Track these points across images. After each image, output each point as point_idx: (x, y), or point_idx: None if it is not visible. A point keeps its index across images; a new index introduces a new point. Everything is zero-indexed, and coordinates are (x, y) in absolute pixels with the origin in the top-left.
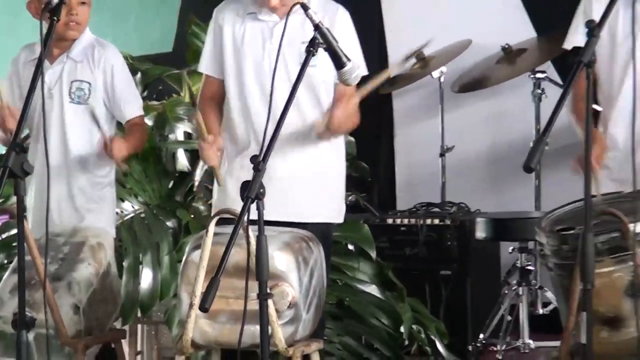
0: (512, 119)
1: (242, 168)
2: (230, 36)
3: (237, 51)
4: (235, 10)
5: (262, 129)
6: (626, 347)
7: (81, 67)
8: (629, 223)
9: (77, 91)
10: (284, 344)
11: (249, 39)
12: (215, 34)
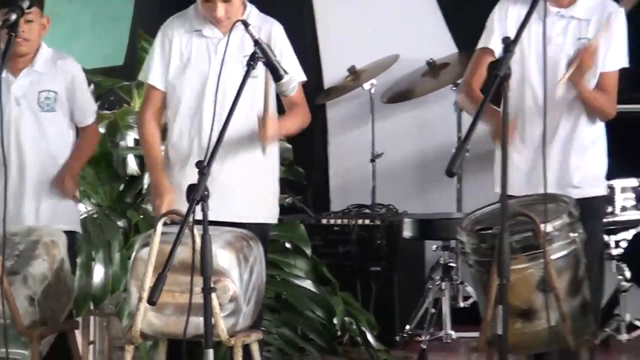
0: (436, 127)
1: (185, 176)
2: (177, 51)
3: (184, 65)
4: (182, 27)
5: (205, 137)
6: (538, 337)
7: (46, 78)
8: (541, 223)
9: (46, 100)
10: (226, 334)
11: (196, 54)
12: (163, 48)
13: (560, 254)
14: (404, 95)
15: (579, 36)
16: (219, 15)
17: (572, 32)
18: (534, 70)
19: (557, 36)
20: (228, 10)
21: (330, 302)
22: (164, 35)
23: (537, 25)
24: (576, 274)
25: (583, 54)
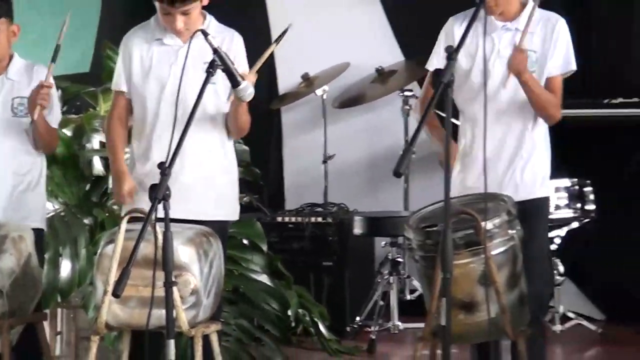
0: (385, 131)
1: (147, 175)
2: (138, 59)
3: (145, 72)
4: (144, 37)
5: (166, 139)
6: (479, 328)
7: (18, 85)
8: (482, 221)
9: (19, 106)
10: (187, 325)
11: (156, 61)
12: (125, 57)
13: (499, 249)
14: (354, 100)
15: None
16: (178, 28)
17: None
18: (477, 80)
19: (504, 48)
20: (187, 22)
21: (285, 295)
22: (125, 46)
23: (482, 39)
24: (514, 269)
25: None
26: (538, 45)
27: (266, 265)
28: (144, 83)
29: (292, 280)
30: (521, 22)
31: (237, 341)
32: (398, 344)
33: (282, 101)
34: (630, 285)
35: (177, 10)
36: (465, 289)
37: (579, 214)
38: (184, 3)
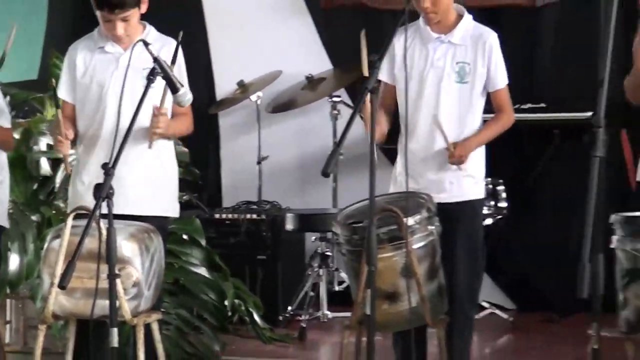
0: (315, 133)
1: (89, 174)
2: (82, 67)
3: (89, 79)
4: (87, 46)
5: (110, 142)
6: (401, 316)
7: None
8: (404, 218)
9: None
10: (129, 315)
11: (99, 68)
12: (69, 66)
13: (420, 244)
14: (286, 105)
15: (457, 60)
16: (119, 34)
17: (451, 55)
18: (413, 88)
19: (438, 59)
20: (126, 28)
21: (222, 286)
22: (69, 55)
23: (420, 49)
24: (433, 262)
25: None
26: (471, 58)
27: (204, 259)
28: (87, 89)
29: (229, 272)
30: (455, 35)
31: (177, 330)
32: (327, 332)
33: (219, 106)
34: (537, 277)
35: (117, 17)
36: (388, 280)
37: (492, 211)
38: (122, 10)
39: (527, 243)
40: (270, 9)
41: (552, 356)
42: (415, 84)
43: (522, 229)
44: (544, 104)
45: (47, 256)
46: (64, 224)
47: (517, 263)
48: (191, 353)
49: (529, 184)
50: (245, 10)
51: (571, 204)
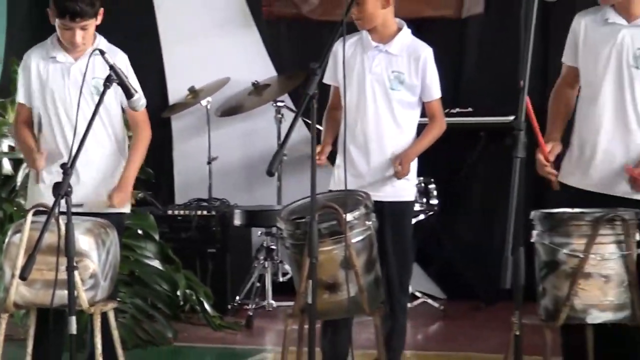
0: (260, 136)
1: (50, 173)
2: (36, 75)
3: (43, 86)
4: (41, 54)
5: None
6: (340, 305)
7: None
8: (343, 214)
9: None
10: (87, 304)
11: (52, 76)
12: (25, 73)
13: (358, 238)
14: (234, 110)
15: (393, 69)
16: (77, 41)
17: (386, 64)
18: (353, 92)
19: (375, 66)
20: (84, 36)
21: (174, 278)
22: (25, 62)
23: (360, 57)
24: (371, 255)
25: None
26: (405, 68)
27: (158, 252)
28: (41, 95)
29: (181, 265)
30: (393, 46)
31: (132, 318)
32: (272, 320)
33: (171, 110)
34: (465, 269)
35: (77, 25)
36: (329, 272)
37: (424, 208)
38: (83, 19)
39: (456, 237)
40: (220, 20)
41: (479, 341)
42: (355, 89)
43: (452, 224)
44: (471, 108)
45: (9, 250)
46: (25, 219)
47: (447, 256)
48: (145, 339)
49: (457, 182)
50: (196, 22)
51: (495, 201)
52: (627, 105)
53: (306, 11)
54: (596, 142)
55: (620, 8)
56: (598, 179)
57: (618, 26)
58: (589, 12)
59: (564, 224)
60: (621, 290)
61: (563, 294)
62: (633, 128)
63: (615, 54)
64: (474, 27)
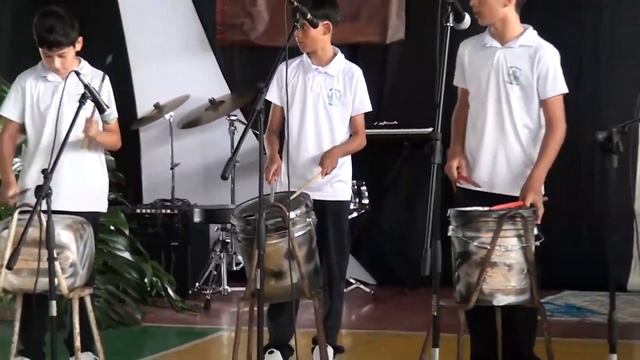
0: (216, 145)
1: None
2: (29, 93)
3: (35, 102)
4: (33, 75)
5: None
6: (285, 291)
7: None
8: (287, 212)
9: None
10: (66, 290)
11: (42, 93)
12: (17, 91)
13: (300, 232)
14: (193, 123)
15: (330, 87)
16: (56, 67)
17: (326, 84)
18: (297, 107)
19: (315, 86)
20: (63, 62)
21: (142, 267)
22: (18, 82)
23: (302, 77)
24: (310, 247)
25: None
26: (341, 87)
27: (128, 245)
28: (32, 110)
29: (148, 256)
30: (330, 68)
31: (106, 302)
32: (227, 303)
33: (139, 123)
34: (392, 259)
35: (54, 54)
36: (275, 262)
37: (358, 207)
38: (59, 48)
39: (384, 232)
40: (181, 45)
41: (404, 321)
42: (298, 105)
43: (381, 220)
44: (396, 121)
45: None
46: (11, 217)
47: (377, 248)
48: (117, 320)
49: (385, 185)
50: (161, 46)
51: (418, 200)
52: (504, 115)
53: (254, 38)
54: (481, 149)
55: (495, 33)
56: (484, 180)
57: (494, 49)
58: (470, 39)
59: (475, 220)
60: (521, 277)
61: (474, 280)
62: (510, 134)
63: (493, 73)
64: (396, 51)
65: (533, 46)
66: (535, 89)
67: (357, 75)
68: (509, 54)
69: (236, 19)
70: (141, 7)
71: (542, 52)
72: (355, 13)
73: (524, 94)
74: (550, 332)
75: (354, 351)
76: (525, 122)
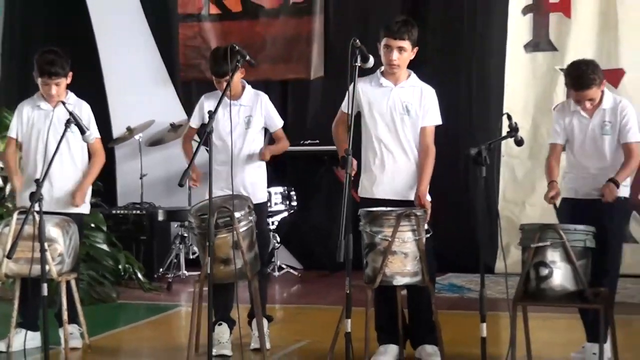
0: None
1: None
2: (26, 118)
3: (30, 126)
4: (31, 104)
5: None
6: (231, 274)
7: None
8: (234, 212)
9: None
10: (56, 274)
11: (36, 119)
12: (18, 117)
13: (244, 228)
14: (158, 142)
15: (245, 115)
16: (52, 93)
17: (242, 113)
18: (225, 129)
19: (234, 116)
20: (57, 90)
21: (117, 256)
22: (19, 110)
23: (222, 110)
24: (252, 239)
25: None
26: (254, 113)
27: (106, 239)
28: (28, 131)
29: (121, 247)
30: (242, 100)
31: (88, 284)
32: (185, 284)
33: (115, 142)
34: (316, 248)
35: (53, 82)
36: (223, 251)
37: (288, 207)
38: (57, 77)
39: (310, 227)
40: (149, 80)
41: (325, 297)
42: (221, 132)
43: (306, 218)
44: (318, 140)
45: (0, 238)
46: (11, 217)
47: (303, 240)
48: (97, 298)
49: (310, 190)
50: (132, 81)
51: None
52: (395, 140)
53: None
54: (374, 166)
55: (389, 76)
56: (378, 190)
57: (389, 88)
58: (365, 79)
59: (379, 218)
60: (415, 263)
61: (378, 265)
62: (398, 155)
63: (390, 107)
64: (317, 85)
65: (418, 86)
66: (420, 119)
67: (264, 100)
68: (402, 92)
69: (194, 61)
70: (117, 51)
71: (425, 91)
72: (287, 56)
73: (412, 123)
74: (437, 305)
75: (286, 321)
76: (414, 144)
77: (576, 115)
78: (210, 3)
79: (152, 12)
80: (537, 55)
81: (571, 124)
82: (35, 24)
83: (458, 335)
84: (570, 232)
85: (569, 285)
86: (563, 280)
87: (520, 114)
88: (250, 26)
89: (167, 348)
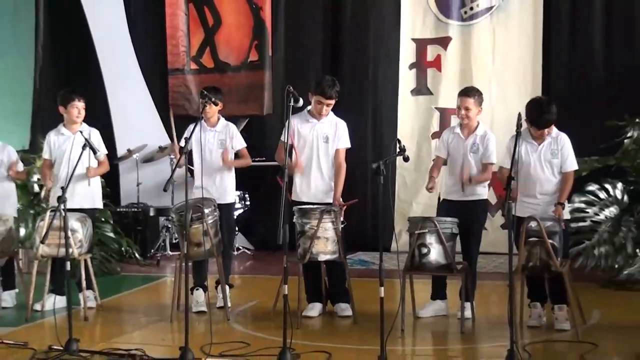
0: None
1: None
2: (54, 142)
3: (57, 148)
4: (56, 132)
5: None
6: (202, 253)
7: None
8: (205, 209)
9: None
10: (77, 254)
11: (60, 143)
12: (48, 143)
13: (211, 221)
14: (150, 159)
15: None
16: (75, 115)
17: (217, 139)
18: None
19: (209, 142)
20: (79, 112)
21: (121, 241)
22: (48, 137)
23: (204, 134)
24: (216, 228)
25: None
26: (225, 138)
27: (112, 229)
28: (55, 152)
29: (123, 235)
30: (217, 127)
31: (99, 261)
32: (170, 261)
33: (119, 160)
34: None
35: (79, 104)
36: (196, 237)
37: (244, 206)
38: (82, 101)
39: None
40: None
41: (270, 269)
42: (198, 153)
43: (257, 213)
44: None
45: (37, 229)
46: (45, 214)
47: (255, 229)
48: (106, 272)
49: (260, 193)
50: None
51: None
52: (316, 162)
53: (190, 112)
54: (302, 178)
55: (313, 115)
56: (305, 196)
57: (313, 123)
58: (297, 115)
59: (308, 212)
60: (334, 244)
61: (307, 246)
62: (318, 172)
63: (314, 138)
64: (269, 120)
65: (334, 121)
66: (335, 144)
67: (232, 128)
68: (322, 126)
69: (179, 102)
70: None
71: (339, 123)
72: (247, 98)
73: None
74: (349, 275)
75: (242, 288)
76: (330, 164)
77: (455, 137)
78: (191, 61)
79: (146, 65)
80: (419, 98)
81: (453, 141)
82: (60, 69)
83: (364, 296)
84: (442, 222)
85: (441, 260)
86: (437, 256)
87: (407, 139)
88: (220, 78)
89: (157, 307)
